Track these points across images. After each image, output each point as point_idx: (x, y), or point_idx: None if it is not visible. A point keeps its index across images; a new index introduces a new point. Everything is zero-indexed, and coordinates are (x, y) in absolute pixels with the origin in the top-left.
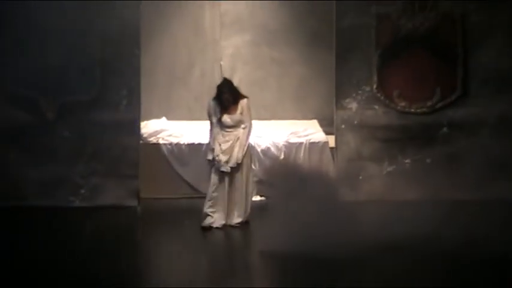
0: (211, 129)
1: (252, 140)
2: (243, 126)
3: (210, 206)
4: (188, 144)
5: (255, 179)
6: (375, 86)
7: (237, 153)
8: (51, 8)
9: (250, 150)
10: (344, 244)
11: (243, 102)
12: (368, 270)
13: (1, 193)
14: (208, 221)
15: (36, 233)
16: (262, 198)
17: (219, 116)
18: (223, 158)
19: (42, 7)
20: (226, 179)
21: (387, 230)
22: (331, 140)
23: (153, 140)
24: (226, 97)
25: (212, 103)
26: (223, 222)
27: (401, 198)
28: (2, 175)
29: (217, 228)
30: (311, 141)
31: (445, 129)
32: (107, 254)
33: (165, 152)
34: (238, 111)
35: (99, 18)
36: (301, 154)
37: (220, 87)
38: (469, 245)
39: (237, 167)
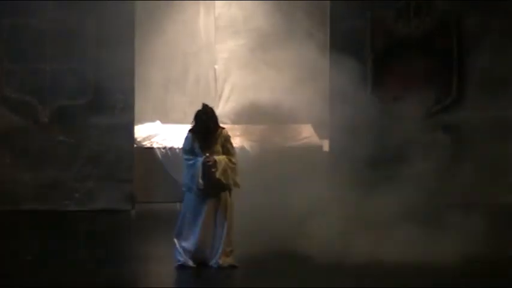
0: (189, 164)
1: (247, 144)
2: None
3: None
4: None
5: None
6: (369, 90)
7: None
8: (45, 11)
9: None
10: None
11: (223, 134)
12: None
13: None
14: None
15: (30, 236)
16: None
17: (198, 151)
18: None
19: (35, 10)
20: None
21: None
22: (326, 144)
23: (147, 144)
24: (207, 125)
25: (189, 136)
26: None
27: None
28: None
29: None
30: (306, 145)
31: (440, 133)
32: (101, 257)
33: (159, 155)
34: (219, 144)
35: (93, 21)
36: (296, 158)
37: (199, 114)
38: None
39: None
